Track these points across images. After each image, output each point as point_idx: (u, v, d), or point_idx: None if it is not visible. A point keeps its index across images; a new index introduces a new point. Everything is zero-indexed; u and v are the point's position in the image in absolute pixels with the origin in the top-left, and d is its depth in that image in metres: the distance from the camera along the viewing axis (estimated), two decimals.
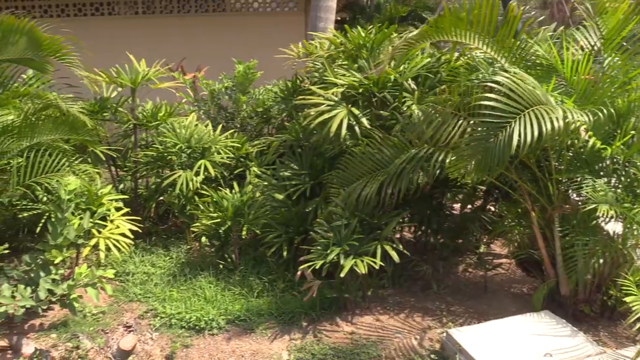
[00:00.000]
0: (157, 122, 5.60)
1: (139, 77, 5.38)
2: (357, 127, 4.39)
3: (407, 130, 4.25)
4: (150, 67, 5.57)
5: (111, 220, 4.56)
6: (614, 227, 3.88)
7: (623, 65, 3.84)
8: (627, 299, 3.36)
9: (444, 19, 3.80)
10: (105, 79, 5.39)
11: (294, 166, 5.02)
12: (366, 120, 4.41)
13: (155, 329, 4.05)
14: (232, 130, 5.86)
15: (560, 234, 3.92)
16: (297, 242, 4.70)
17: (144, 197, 5.65)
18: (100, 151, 5.27)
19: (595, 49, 4.10)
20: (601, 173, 3.79)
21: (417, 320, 4.13)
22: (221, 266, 4.84)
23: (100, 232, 4.43)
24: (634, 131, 3.63)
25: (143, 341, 3.95)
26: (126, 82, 5.39)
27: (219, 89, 6.32)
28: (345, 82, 4.53)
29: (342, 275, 3.82)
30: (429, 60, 4.65)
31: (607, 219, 3.81)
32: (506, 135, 3.32)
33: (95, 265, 4.76)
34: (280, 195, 4.88)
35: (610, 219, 3.70)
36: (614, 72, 3.84)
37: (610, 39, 3.96)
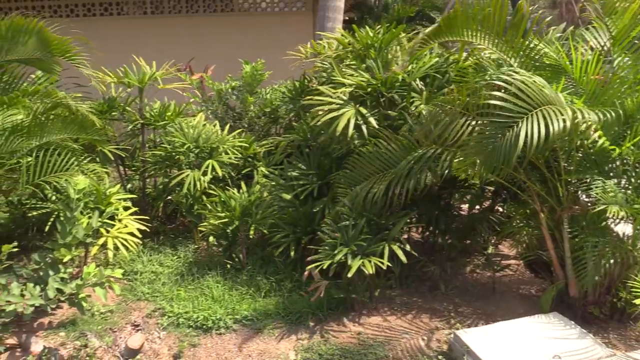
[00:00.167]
0: (164, 122, 5.62)
1: (146, 77, 5.41)
2: (364, 127, 4.39)
3: (415, 129, 4.24)
4: (159, 68, 5.61)
5: (119, 220, 4.59)
6: (624, 229, 3.85)
7: (633, 65, 3.81)
8: (637, 301, 3.34)
9: (455, 18, 3.79)
10: (113, 78, 5.42)
11: (302, 166, 5.03)
12: (374, 120, 4.40)
13: (163, 328, 4.07)
14: (240, 130, 5.88)
15: (569, 235, 3.90)
16: (305, 242, 4.70)
17: (152, 196, 5.68)
18: (109, 150, 5.30)
19: (605, 49, 4.07)
20: (611, 174, 3.76)
21: (425, 321, 4.12)
22: (229, 266, 4.85)
23: (108, 231, 4.45)
24: None
25: (151, 340, 3.96)
26: (134, 82, 5.42)
27: (226, 89, 6.34)
28: (353, 82, 4.52)
29: (349, 275, 3.81)
30: (437, 60, 4.63)
31: (617, 220, 3.79)
32: (513, 134, 3.31)
33: (103, 264, 4.79)
34: (287, 195, 4.89)
35: (620, 220, 3.68)
36: (624, 73, 3.81)
37: (620, 39, 3.93)
